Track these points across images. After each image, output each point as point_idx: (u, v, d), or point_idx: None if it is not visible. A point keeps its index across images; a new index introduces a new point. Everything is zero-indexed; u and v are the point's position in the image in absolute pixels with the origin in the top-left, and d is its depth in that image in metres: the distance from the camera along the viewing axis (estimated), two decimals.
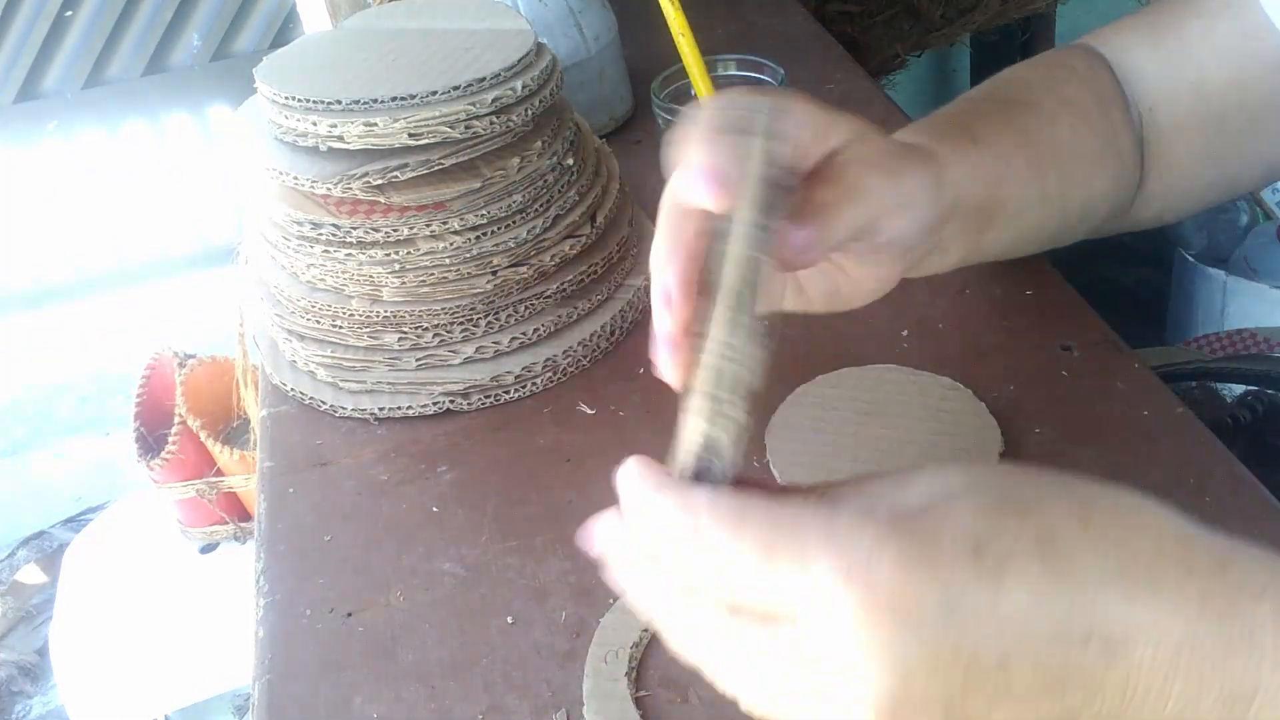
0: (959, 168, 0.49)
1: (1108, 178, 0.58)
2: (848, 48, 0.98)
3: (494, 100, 0.60)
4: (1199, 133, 0.58)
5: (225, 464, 1.31)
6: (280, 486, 0.61)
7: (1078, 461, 0.53)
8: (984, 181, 0.51)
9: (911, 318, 0.63)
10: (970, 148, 0.51)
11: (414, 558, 0.55)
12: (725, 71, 0.68)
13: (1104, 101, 0.58)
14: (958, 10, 1.45)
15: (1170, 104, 0.58)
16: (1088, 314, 0.62)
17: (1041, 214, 0.55)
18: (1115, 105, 0.58)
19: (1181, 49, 0.58)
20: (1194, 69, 0.58)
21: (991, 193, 0.51)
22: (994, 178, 0.51)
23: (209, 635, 1.29)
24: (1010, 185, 0.52)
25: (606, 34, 0.86)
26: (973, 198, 0.50)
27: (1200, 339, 1.18)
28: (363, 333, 0.63)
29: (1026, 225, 0.55)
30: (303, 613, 0.53)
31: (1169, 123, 0.59)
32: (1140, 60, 0.59)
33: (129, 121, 1.64)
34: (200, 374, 1.35)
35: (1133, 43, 0.60)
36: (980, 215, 0.51)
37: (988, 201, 0.51)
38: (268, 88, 0.62)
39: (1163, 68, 0.58)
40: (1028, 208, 0.54)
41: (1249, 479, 0.51)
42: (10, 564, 1.84)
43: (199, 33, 1.61)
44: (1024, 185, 0.53)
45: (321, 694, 0.49)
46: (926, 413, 0.56)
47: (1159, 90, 0.59)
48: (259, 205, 0.66)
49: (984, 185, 0.51)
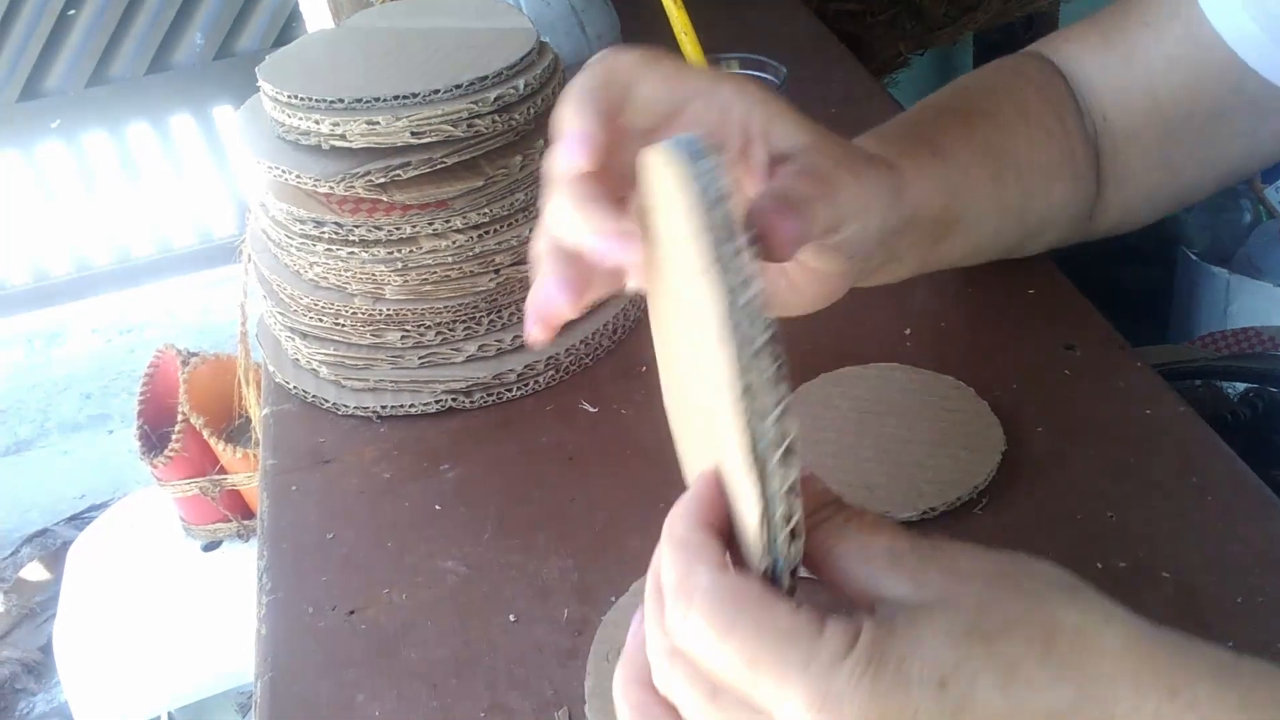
0: (918, 181, 0.49)
1: (1066, 187, 0.58)
2: (850, 46, 0.98)
3: (496, 99, 0.60)
4: (1153, 140, 0.59)
5: (228, 462, 1.31)
6: (283, 484, 0.61)
7: (1079, 461, 0.53)
8: (942, 194, 0.51)
9: (914, 317, 0.63)
10: (929, 160, 0.51)
11: (416, 556, 0.55)
12: (728, 70, 0.68)
13: (1060, 110, 0.59)
14: (960, 9, 1.45)
15: (1124, 112, 0.59)
16: (1090, 314, 0.62)
17: (1000, 224, 0.56)
18: (1071, 114, 0.59)
19: (1132, 58, 0.59)
20: (1145, 77, 0.58)
21: (949, 204, 0.52)
22: (953, 190, 0.52)
23: (212, 632, 1.29)
24: (968, 196, 0.53)
25: (609, 32, 0.86)
26: (930, 209, 0.50)
27: (1205, 337, 1.18)
28: (365, 331, 0.63)
29: (984, 235, 0.56)
30: (305, 611, 0.53)
31: (1123, 131, 0.59)
32: (1092, 69, 0.60)
33: (132, 120, 1.64)
34: (203, 372, 1.35)
35: (1084, 51, 0.60)
36: (937, 226, 0.51)
37: (945, 213, 0.52)
38: (270, 86, 0.62)
39: (1115, 77, 0.59)
40: (986, 218, 0.55)
41: (1251, 478, 0.51)
42: (14, 561, 1.85)
43: (202, 32, 1.61)
44: (983, 197, 0.54)
45: (324, 692, 0.49)
46: (929, 412, 0.56)
47: (1112, 99, 0.59)
48: (261, 203, 0.66)
49: (942, 197, 0.51)
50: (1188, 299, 1.45)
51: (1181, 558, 0.48)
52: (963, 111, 0.56)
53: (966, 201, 0.53)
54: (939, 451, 0.54)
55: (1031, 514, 0.51)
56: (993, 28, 1.53)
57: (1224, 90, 0.56)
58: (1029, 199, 0.56)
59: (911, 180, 0.48)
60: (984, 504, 0.52)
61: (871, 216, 0.44)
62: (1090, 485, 0.52)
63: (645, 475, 0.57)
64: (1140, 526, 0.50)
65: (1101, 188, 0.61)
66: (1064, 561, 0.48)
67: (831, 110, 0.86)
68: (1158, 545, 0.49)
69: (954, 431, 0.55)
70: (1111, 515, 0.50)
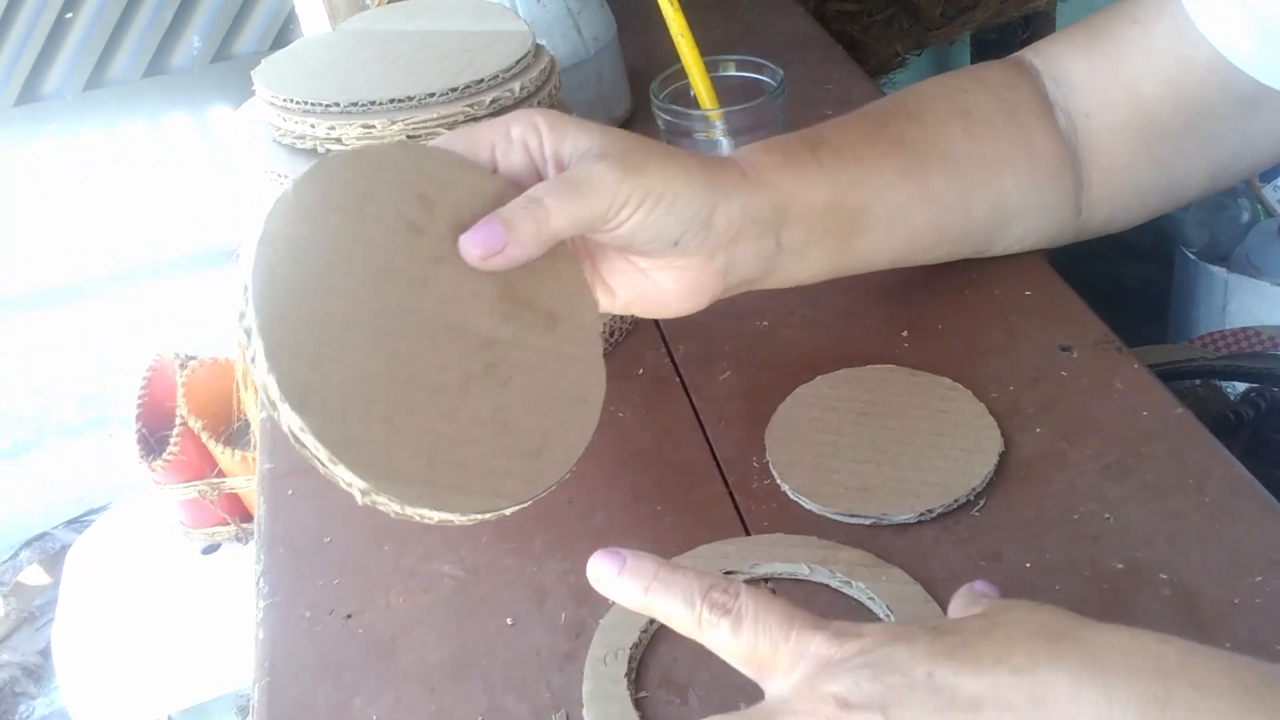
0: (781, 175, 0.52)
1: (1022, 178, 0.59)
2: (847, 47, 0.98)
3: (492, 101, 0.60)
4: (1138, 137, 0.60)
5: (227, 465, 1.31)
6: (280, 488, 0.61)
7: (1077, 462, 0.53)
8: (828, 186, 0.53)
9: (911, 318, 0.63)
10: (807, 156, 0.53)
11: (413, 559, 0.55)
12: (724, 72, 0.68)
13: (1012, 105, 0.60)
14: (957, 9, 1.45)
15: (1107, 109, 0.60)
16: (1087, 314, 0.62)
17: (934, 213, 0.57)
18: (1029, 111, 0.60)
19: (1117, 54, 0.59)
20: (1128, 75, 0.59)
21: (844, 198, 0.54)
22: (846, 183, 0.54)
23: (212, 636, 1.29)
24: (870, 188, 0.55)
25: (605, 35, 0.86)
26: (810, 203, 0.52)
27: (1204, 337, 1.18)
28: None
29: (917, 225, 0.57)
30: (302, 614, 0.53)
31: (1105, 128, 0.60)
32: (1074, 68, 0.61)
33: (129, 123, 1.64)
34: (201, 375, 1.35)
35: (1066, 51, 0.62)
36: (836, 220, 0.54)
37: (840, 206, 0.54)
38: (266, 90, 0.62)
39: (1096, 75, 0.60)
40: (907, 210, 0.56)
41: (1248, 479, 0.51)
42: (13, 565, 1.85)
43: (199, 35, 1.61)
44: (892, 187, 0.56)
45: (321, 695, 0.49)
46: (926, 413, 0.56)
47: (1095, 96, 0.60)
48: (258, 207, 0.65)
49: (828, 190, 0.53)
50: (1186, 298, 1.45)
51: (1179, 559, 0.48)
52: (880, 114, 0.59)
53: (868, 193, 0.55)
54: (936, 453, 0.54)
55: (1029, 515, 0.51)
56: (990, 27, 1.53)
57: (1209, 87, 0.57)
58: (968, 190, 0.58)
59: (768, 175, 0.51)
60: (981, 505, 0.52)
61: (678, 203, 0.47)
62: (1088, 486, 0.52)
63: (643, 478, 0.57)
64: (1138, 527, 0.50)
65: (1087, 184, 0.61)
66: (1061, 563, 0.48)
67: (828, 111, 0.86)
68: (1155, 546, 0.49)
69: (951, 433, 0.55)
70: (1109, 516, 0.50)
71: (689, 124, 0.65)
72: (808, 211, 0.52)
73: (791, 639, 0.37)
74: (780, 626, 0.37)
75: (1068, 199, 0.61)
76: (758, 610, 0.37)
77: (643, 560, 0.39)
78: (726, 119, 0.64)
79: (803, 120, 0.60)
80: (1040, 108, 0.60)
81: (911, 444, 0.54)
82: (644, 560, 0.39)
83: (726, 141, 0.64)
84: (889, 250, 0.58)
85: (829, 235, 0.54)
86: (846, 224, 0.54)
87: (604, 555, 0.40)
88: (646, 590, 0.39)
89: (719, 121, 0.64)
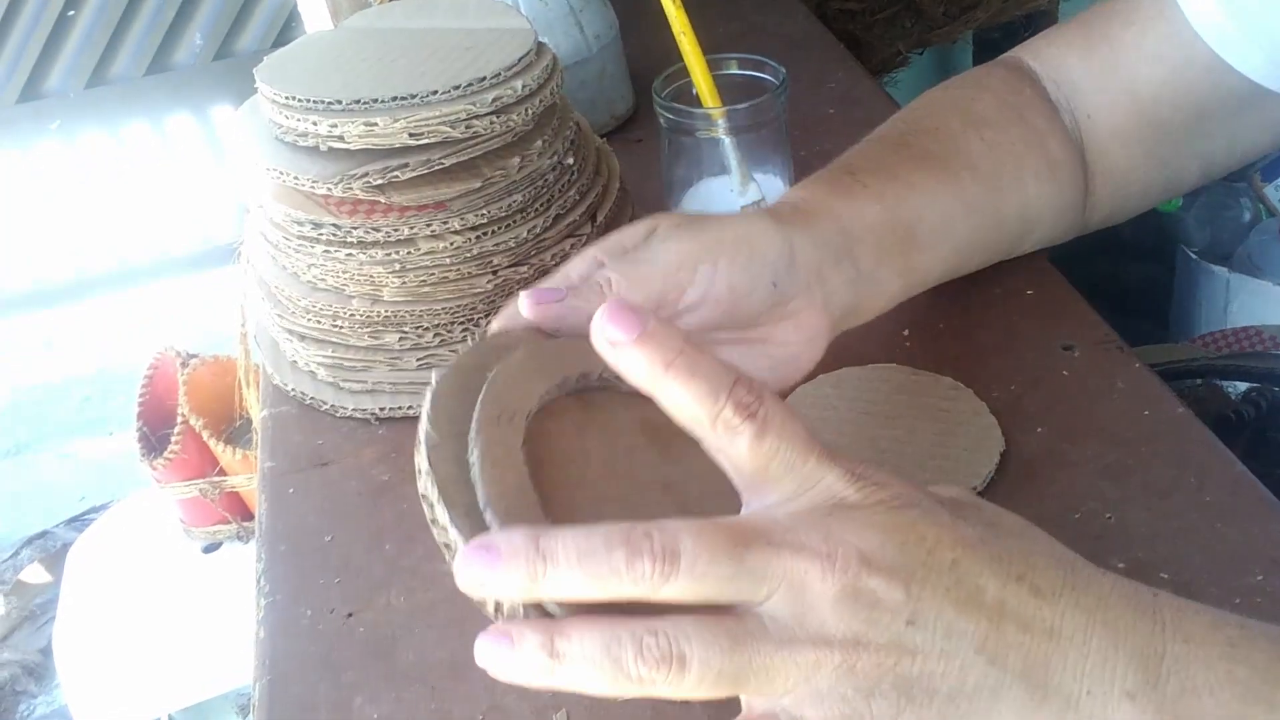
0: (834, 201, 0.52)
1: (1043, 183, 0.59)
2: (849, 46, 0.98)
3: (494, 100, 0.60)
4: (1139, 137, 0.60)
5: (228, 463, 1.32)
6: (281, 487, 0.61)
7: (1078, 462, 0.53)
8: (878, 203, 0.53)
9: (912, 318, 0.63)
10: (850, 180, 0.53)
11: (414, 558, 0.55)
12: (726, 70, 0.68)
13: (1021, 110, 0.60)
14: (959, 8, 1.45)
15: (1107, 111, 0.60)
16: (1089, 314, 0.62)
17: (973, 223, 0.57)
18: (1038, 113, 0.60)
19: (1114, 58, 0.59)
20: (1128, 76, 0.59)
21: (895, 213, 0.53)
22: (893, 199, 0.53)
23: (212, 634, 1.29)
24: (915, 202, 0.54)
25: (607, 33, 0.86)
26: (867, 223, 0.52)
27: (1205, 336, 1.18)
28: (363, 333, 0.63)
29: (961, 237, 0.57)
30: (303, 613, 0.53)
31: (1107, 129, 0.60)
32: (1074, 71, 0.61)
33: (131, 121, 1.64)
34: (203, 373, 1.35)
35: (1065, 54, 0.62)
36: (894, 237, 0.53)
37: (894, 222, 0.53)
38: (268, 88, 0.62)
39: (1096, 77, 0.60)
40: (952, 221, 0.56)
41: (1249, 479, 0.51)
42: (14, 564, 1.85)
43: (201, 32, 1.61)
44: (935, 200, 0.55)
45: (322, 694, 0.49)
46: (927, 413, 0.56)
47: (1095, 98, 0.60)
48: (259, 205, 0.66)
49: (879, 207, 0.53)
50: (1187, 298, 1.45)
51: (1180, 558, 0.48)
52: (891, 135, 0.59)
53: (915, 206, 0.54)
54: (938, 452, 0.54)
55: (1030, 514, 0.50)
56: (992, 26, 1.53)
57: (1206, 87, 0.57)
58: (998, 194, 0.58)
59: (829, 206, 0.51)
60: None
61: (759, 245, 0.47)
62: (1089, 486, 0.52)
63: None
64: (1139, 527, 0.50)
65: (1091, 184, 0.62)
66: None
67: (830, 110, 0.86)
68: (1156, 545, 0.49)
69: (953, 432, 0.55)
70: (1110, 516, 0.50)
71: (691, 122, 0.65)
72: (868, 231, 0.52)
73: (810, 463, 0.34)
74: (802, 447, 0.34)
75: (1080, 199, 0.62)
76: (783, 422, 0.33)
77: (670, 329, 0.33)
78: (728, 117, 0.64)
79: (804, 119, 0.60)
80: (1048, 111, 0.60)
81: (913, 443, 0.54)
82: (671, 330, 0.33)
83: (728, 140, 0.64)
84: (943, 264, 0.57)
85: (893, 254, 0.53)
86: (905, 239, 0.53)
87: (621, 313, 0.33)
88: (668, 366, 0.33)
89: (721, 120, 0.64)
